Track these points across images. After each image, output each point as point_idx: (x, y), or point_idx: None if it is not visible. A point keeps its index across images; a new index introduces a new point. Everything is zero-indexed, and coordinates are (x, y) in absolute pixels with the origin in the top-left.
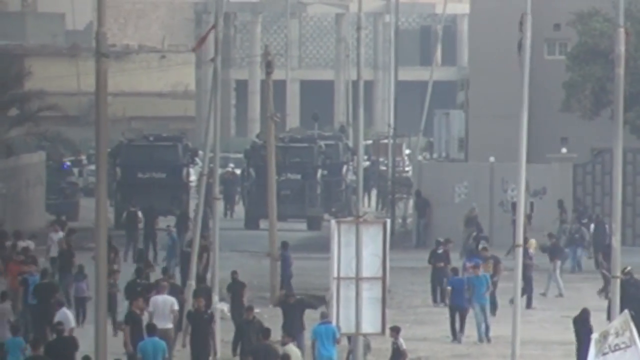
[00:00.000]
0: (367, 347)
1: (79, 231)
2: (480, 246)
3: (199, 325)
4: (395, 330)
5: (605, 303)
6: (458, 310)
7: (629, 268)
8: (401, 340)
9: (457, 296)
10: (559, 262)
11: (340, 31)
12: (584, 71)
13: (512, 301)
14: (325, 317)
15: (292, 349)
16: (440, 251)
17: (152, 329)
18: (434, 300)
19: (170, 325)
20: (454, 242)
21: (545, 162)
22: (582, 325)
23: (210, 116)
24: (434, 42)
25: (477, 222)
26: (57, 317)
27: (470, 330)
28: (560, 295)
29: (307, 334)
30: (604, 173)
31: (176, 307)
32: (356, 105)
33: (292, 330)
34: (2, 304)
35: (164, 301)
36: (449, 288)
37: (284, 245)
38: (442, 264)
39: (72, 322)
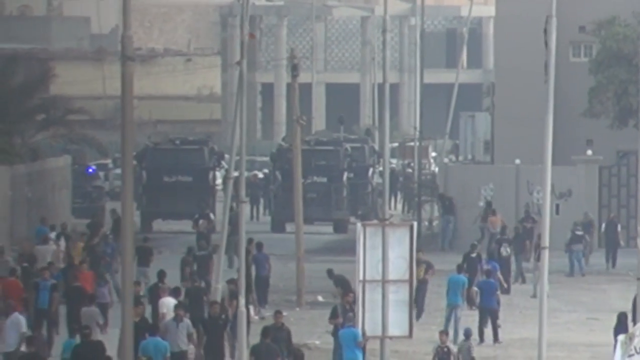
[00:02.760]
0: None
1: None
2: (502, 250)
3: (213, 331)
4: (446, 334)
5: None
6: (489, 312)
7: None
8: (451, 345)
9: (488, 298)
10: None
11: (365, 34)
12: (607, 74)
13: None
14: (349, 321)
15: None
16: (474, 255)
17: (154, 329)
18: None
19: None
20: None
21: (570, 165)
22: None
23: (236, 119)
24: (460, 45)
25: (591, 227)
26: (9, 321)
27: (487, 332)
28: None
29: (330, 338)
30: (630, 175)
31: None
32: (382, 108)
33: None
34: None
35: (169, 303)
36: (475, 289)
37: (259, 246)
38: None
39: (24, 326)
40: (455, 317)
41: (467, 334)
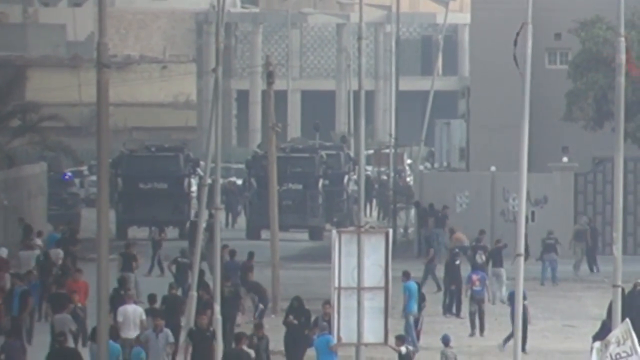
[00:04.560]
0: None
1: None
2: (477, 257)
3: (201, 344)
4: (401, 340)
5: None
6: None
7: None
8: (405, 348)
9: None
10: (502, 270)
11: (341, 41)
12: (586, 79)
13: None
14: (323, 330)
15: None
16: (458, 262)
17: (115, 335)
18: (448, 311)
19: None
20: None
21: (546, 172)
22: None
23: (212, 126)
24: (435, 52)
25: (587, 236)
26: None
27: (472, 338)
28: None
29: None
30: (605, 182)
31: (144, 317)
32: (357, 115)
33: None
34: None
35: (134, 311)
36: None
37: (232, 253)
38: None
39: None
40: (411, 324)
41: (445, 340)
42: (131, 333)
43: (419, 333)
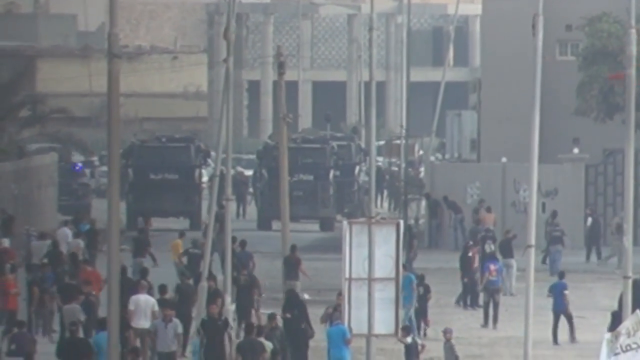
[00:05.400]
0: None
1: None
2: (486, 247)
3: (213, 333)
4: (405, 330)
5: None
6: (562, 314)
7: None
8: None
9: (559, 300)
10: (513, 261)
11: (352, 32)
12: (591, 72)
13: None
14: (337, 319)
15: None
16: (470, 254)
17: (126, 325)
18: (465, 304)
19: (147, 326)
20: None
21: (557, 163)
22: None
23: (223, 117)
24: (446, 43)
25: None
26: None
27: (481, 330)
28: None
29: (323, 336)
30: (616, 173)
31: (156, 307)
32: (368, 106)
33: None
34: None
35: (146, 301)
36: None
37: (242, 244)
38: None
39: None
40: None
41: (446, 331)
42: (142, 323)
43: (428, 323)
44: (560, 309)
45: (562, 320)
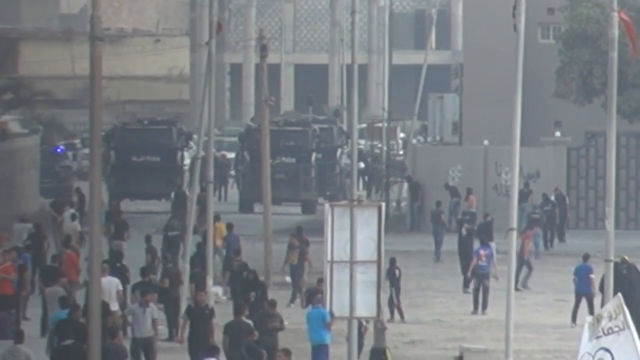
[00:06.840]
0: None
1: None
2: (462, 230)
3: (199, 321)
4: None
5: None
6: (585, 296)
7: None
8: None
9: (583, 282)
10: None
11: (334, 15)
12: (570, 54)
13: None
14: (318, 302)
15: None
16: (465, 234)
17: (64, 302)
18: (466, 286)
19: (116, 307)
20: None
21: (539, 146)
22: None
23: (205, 100)
24: (428, 26)
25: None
26: None
27: (464, 312)
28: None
29: (302, 319)
30: (598, 157)
31: (120, 287)
32: (350, 88)
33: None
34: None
35: (109, 282)
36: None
37: (229, 226)
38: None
39: None
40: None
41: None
42: (110, 305)
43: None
44: (585, 290)
45: (543, 304)
